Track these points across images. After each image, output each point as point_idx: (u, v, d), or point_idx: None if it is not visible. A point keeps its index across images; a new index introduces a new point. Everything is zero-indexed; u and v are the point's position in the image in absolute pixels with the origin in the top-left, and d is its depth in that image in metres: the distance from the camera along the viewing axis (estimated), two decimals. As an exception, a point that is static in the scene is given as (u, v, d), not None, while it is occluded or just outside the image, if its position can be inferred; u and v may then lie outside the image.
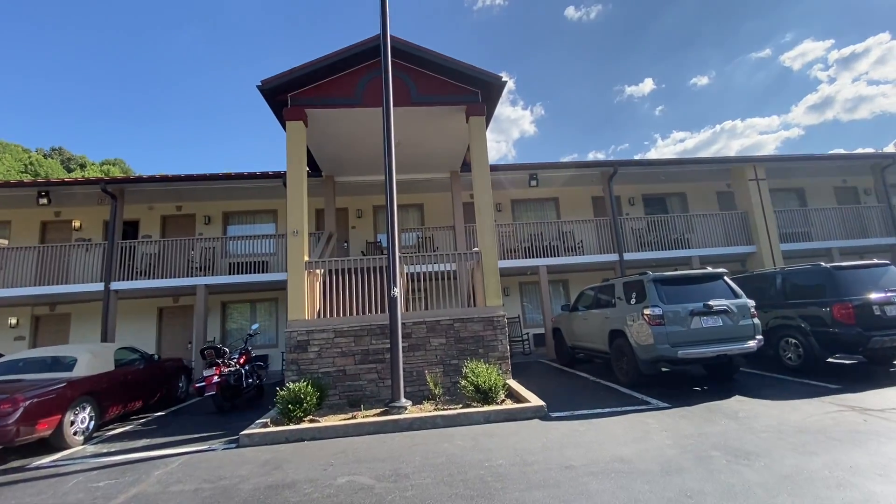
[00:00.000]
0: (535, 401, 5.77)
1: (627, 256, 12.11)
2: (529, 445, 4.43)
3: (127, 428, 6.86)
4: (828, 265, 7.02)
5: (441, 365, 7.33)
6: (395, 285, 6.36)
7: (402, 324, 7.32)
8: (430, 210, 13.75)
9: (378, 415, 5.85)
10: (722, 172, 13.60)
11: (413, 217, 13.95)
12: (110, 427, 6.93)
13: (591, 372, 8.56)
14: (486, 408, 5.67)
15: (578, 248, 12.59)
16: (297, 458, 4.60)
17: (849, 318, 6.47)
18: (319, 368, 7.13)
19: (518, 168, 12.07)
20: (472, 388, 5.98)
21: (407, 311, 8.22)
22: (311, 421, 5.72)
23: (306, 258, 7.62)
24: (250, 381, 8.07)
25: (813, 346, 6.90)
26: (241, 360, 8.08)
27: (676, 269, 6.86)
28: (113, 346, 7.62)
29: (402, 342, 7.27)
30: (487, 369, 6.26)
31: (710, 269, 6.95)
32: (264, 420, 5.89)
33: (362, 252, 13.04)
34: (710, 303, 6.43)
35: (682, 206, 15.06)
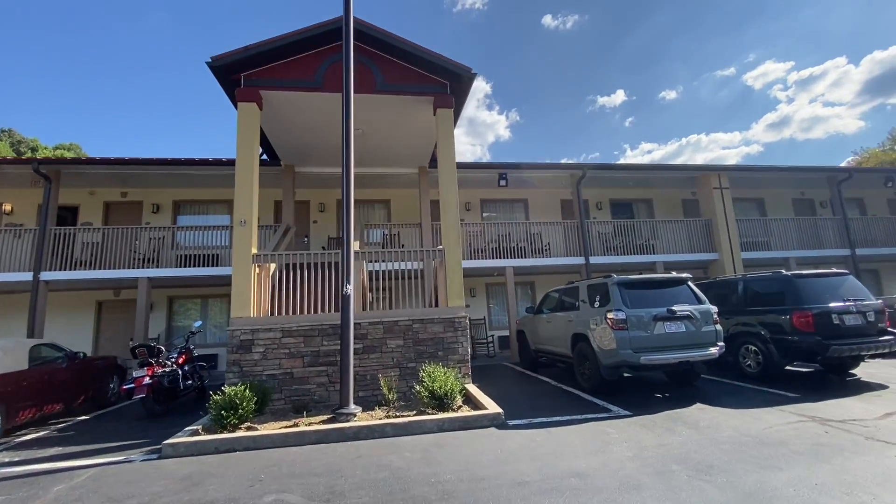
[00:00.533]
0: (492, 408, 5.44)
1: (594, 260, 12.03)
2: (482, 458, 4.09)
3: (41, 434, 6.11)
4: (788, 273, 7.03)
5: (398, 368, 6.92)
6: (348, 282, 5.91)
7: (357, 324, 6.89)
8: (398, 207, 13.31)
9: (324, 422, 5.38)
10: (688, 180, 13.78)
11: (379, 213, 13.48)
12: (22, 433, 6.17)
13: (554, 376, 8.34)
14: (441, 415, 5.29)
15: (546, 250, 12.44)
16: (223, 471, 4.10)
17: (808, 326, 6.47)
18: (264, 371, 6.58)
19: (487, 167, 11.81)
20: (426, 393, 5.60)
21: (366, 310, 7.78)
22: (249, 429, 5.20)
23: (254, 251, 7.05)
24: (189, 382, 7.42)
25: (772, 354, 6.88)
26: (181, 360, 7.42)
27: (641, 273, 6.70)
28: (28, 342, 6.81)
29: (357, 343, 6.83)
30: (445, 374, 5.90)
31: (674, 274, 6.83)
32: (195, 427, 5.32)
33: (323, 248, 12.45)
34: (674, 308, 6.29)
35: (648, 212, 15.19)
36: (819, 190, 15.93)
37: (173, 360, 7.31)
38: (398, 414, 5.61)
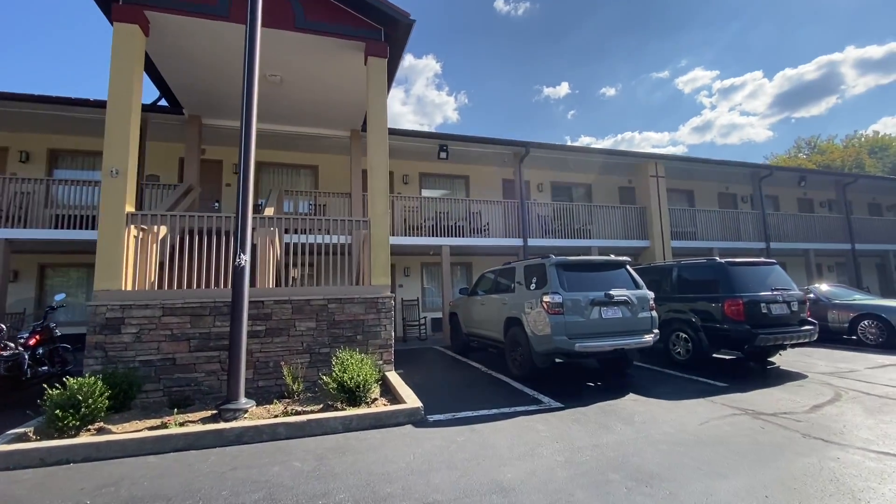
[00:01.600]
0: (411, 401, 4.72)
1: (532, 242, 11.66)
2: (390, 467, 3.35)
3: None
4: (722, 260, 6.92)
5: (308, 354, 5.99)
6: (242, 251, 4.85)
7: (260, 302, 5.86)
8: (327, 174, 12.07)
9: (203, 421, 4.39)
10: (626, 167, 13.80)
11: (306, 181, 12.15)
12: None
13: (485, 362, 7.82)
14: (349, 412, 4.48)
15: (485, 230, 11.89)
16: (34, 496, 3.02)
17: (738, 314, 6.38)
18: (137, 356, 5.37)
19: (427, 136, 10.92)
20: (335, 385, 4.75)
21: (280, 286, 6.73)
22: (99, 431, 4.08)
23: (129, 208, 5.71)
24: (45, 369, 6.00)
25: (702, 341, 6.78)
26: (32, 342, 5.96)
27: (584, 254, 6.25)
28: None
29: (259, 325, 5.82)
30: (360, 361, 5.09)
31: (613, 258, 6.45)
32: (24, 430, 4.09)
33: (214, 210, 10.99)
34: (612, 293, 5.89)
35: (586, 197, 15.14)
36: (742, 186, 16.78)
37: (22, 340, 5.86)
38: (300, 409, 4.73)
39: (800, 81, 69.37)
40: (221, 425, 4.10)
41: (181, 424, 4.23)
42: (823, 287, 10.30)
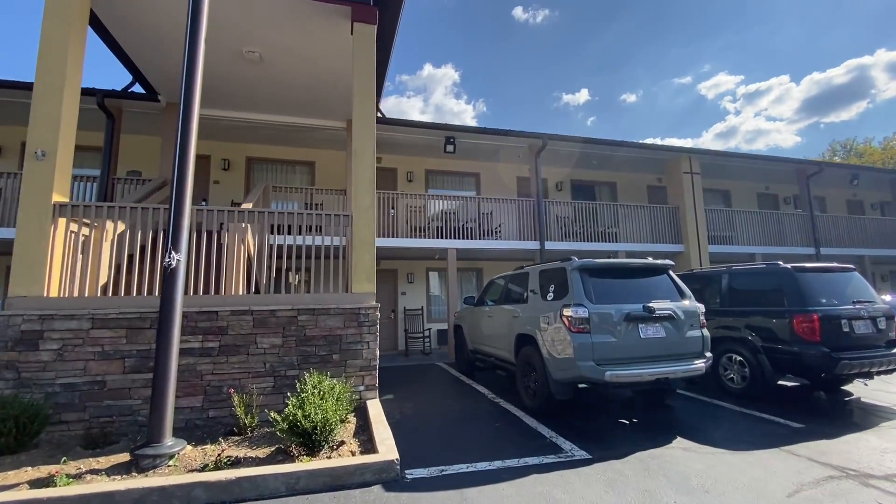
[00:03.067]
0: (385, 449, 3.55)
1: (549, 245, 10.41)
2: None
3: None
4: (788, 265, 5.57)
5: (272, 377, 4.89)
6: (176, 249, 3.79)
7: (213, 313, 4.81)
8: (324, 171, 11.07)
9: (110, 471, 3.31)
10: (656, 163, 12.43)
11: (302, 178, 11.18)
12: None
13: (492, 385, 6.59)
14: (299, 465, 3.34)
15: (497, 232, 10.69)
16: None
17: (812, 333, 5.02)
18: (58, 378, 4.36)
19: (432, 127, 9.81)
20: (285, 426, 3.62)
21: (251, 293, 5.69)
22: (-37, 486, 3.03)
23: (59, 198, 4.74)
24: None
25: (763, 367, 5.43)
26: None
27: (610, 258, 5.02)
28: None
29: (211, 341, 4.77)
30: (331, 389, 4.00)
31: (652, 261, 5.17)
32: None
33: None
34: (653, 305, 4.63)
35: (611, 197, 13.80)
36: (784, 185, 15.18)
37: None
38: (243, 455, 3.62)
39: (828, 86, 66.34)
40: (118, 484, 3.00)
41: (74, 478, 3.16)
42: (887, 298, 8.73)
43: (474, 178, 12.42)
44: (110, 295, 4.85)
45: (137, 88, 8.11)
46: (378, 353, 5.32)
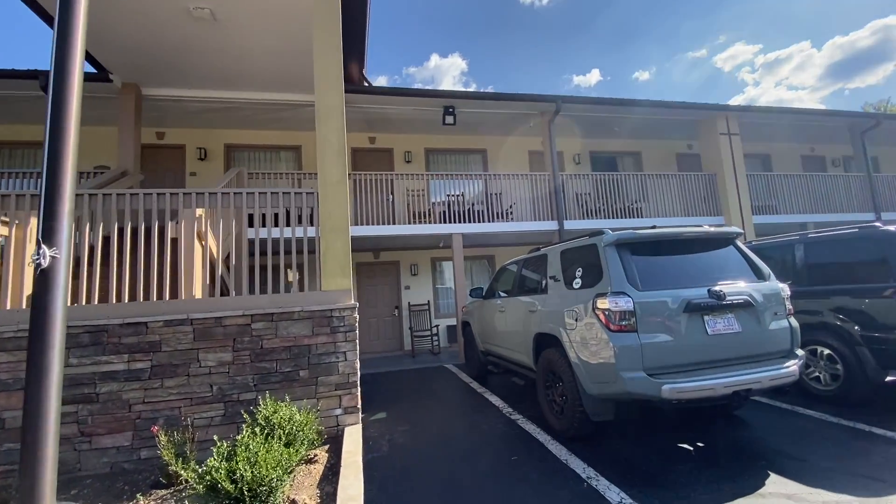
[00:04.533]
0: (346, 521, 2.42)
1: (569, 225, 9.12)
2: None
3: None
4: (891, 228, 4.21)
5: (220, 403, 3.81)
6: (49, 243, 2.69)
7: (141, 324, 3.74)
8: (311, 155, 9.94)
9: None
10: (685, 126, 10.92)
11: (287, 165, 10.09)
12: None
13: (509, 395, 5.42)
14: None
15: (508, 213, 9.44)
16: None
17: (940, 316, 3.68)
18: (-63, 419, 3.36)
19: (426, 94, 8.55)
20: (201, 488, 2.52)
21: (209, 296, 4.62)
22: None
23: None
24: None
25: (863, 361, 4.11)
26: None
27: (655, 227, 3.75)
28: None
29: (140, 360, 3.72)
30: (287, 420, 2.90)
31: (712, 228, 3.88)
32: None
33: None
34: (720, 288, 3.36)
35: (635, 168, 12.36)
36: (832, 146, 13.48)
37: None
38: (145, 532, 2.53)
39: (852, 49, 62.45)
40: None
41: None
42: None
43: (480, 155, 11.15)
44: (24, 307, 3.84)
45: (89, 70, 7.10)
46: (359, 365, 4.19)
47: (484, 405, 5.07)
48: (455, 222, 8.77)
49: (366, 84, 8.14)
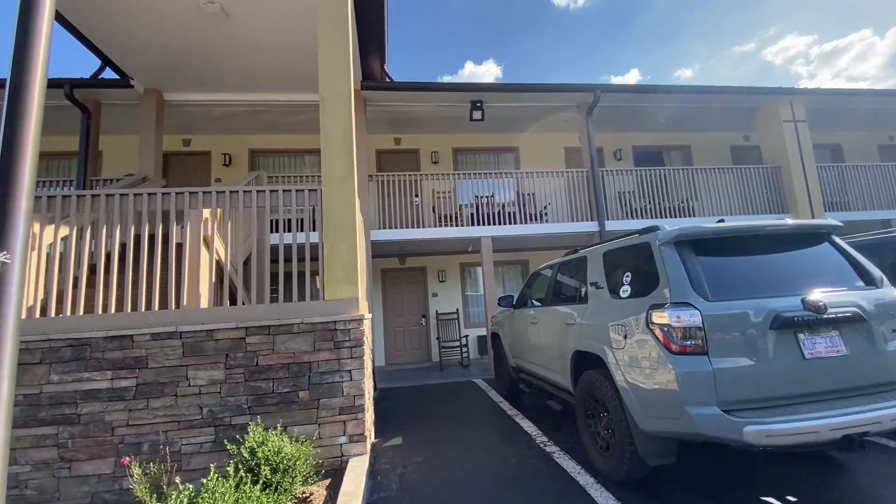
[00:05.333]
0: None
1: (611, 226, 8.30)
2: None
3: None
4: None
5: (211, 427, 3.37)
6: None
7: (126, 337, 3.37)
8: (335, 158, 9.65)
9: None
10: (741, 114, 9.81)
11: (312, 170, 9.83)
12: None
13: (544, 419, 4.72)
14: None
15: (543, 215, 8.74)
16: None
17: None
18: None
19: (451, 89, 8.01)
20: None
21: (216, 306, 4.26)
22: None
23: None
24: None
25: None
26: None
27: (723, 221, 3.00)
28: None
29: (125, 377, 3.35)
30: (273, 454, 2.42)
31: (800, 221, 3.07)
32: None
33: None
34: (819, 297, 2.58)
35: (685, 164, 11.30)
36: (916, 132, 11.86)
37: None
38: None
39: (920, 36, 56.87)
40: None
41: None
42: None
43: (512, 154, 10.50)
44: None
45: (110, 75, 7.07)
46: (366, 385, 3.65)
47: (514, 432, 4.40)
48: (484, 224, 8.16)
49: (388, 80, 7.72)
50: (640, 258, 3.04)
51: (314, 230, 5.09)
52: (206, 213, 4.23)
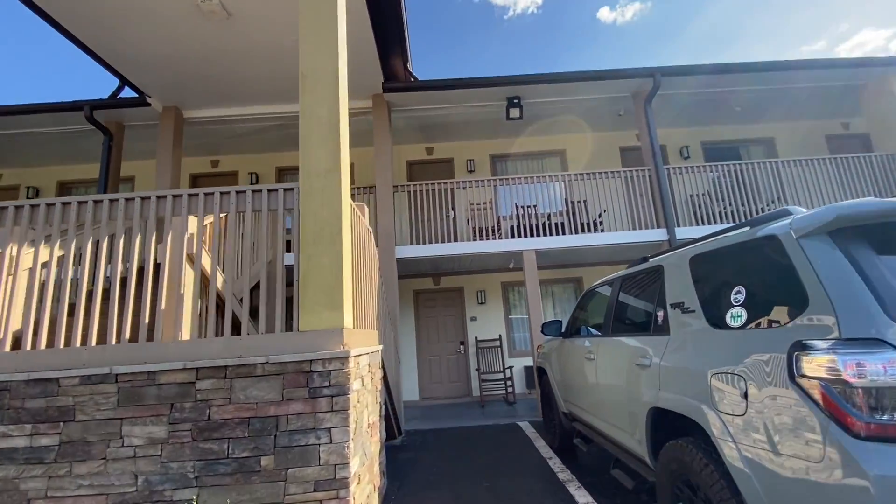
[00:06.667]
0: None
1: (681, 234, 6.89)
2: None
3: None
4: None
5: (147, 504, 2.52)
6: None
7: (52, 381, 2.64)
8: (362, 169, 8.99)
9: None
10: (840, 93, 8.03)
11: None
12: None
13: (612, 492, 3.47)
14: None
15: (598, 224, 7.50)
16: None
17: None
18: None
19: (485, 83, 7.01)
20: None
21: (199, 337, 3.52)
22: None
23: None
24: None
25: None
26: None
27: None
28: None
29: (48, 433, 2.59)
30: None
31: None
32: None
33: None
34: None
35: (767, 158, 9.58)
36: None
37: None
38: None
39: None
40: None
41: None
42: None
43: (558, 157, 9.35)
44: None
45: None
46: (352, 449, 2.66)
47: (566, 509, 3.20)
48: (526, 237, 7.06)
49: (413, 80, 6.97)
50: (763, 263, 1.87)
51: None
52: (192, 226, 3.51)
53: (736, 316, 1.92)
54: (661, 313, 2.56)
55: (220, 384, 2.65)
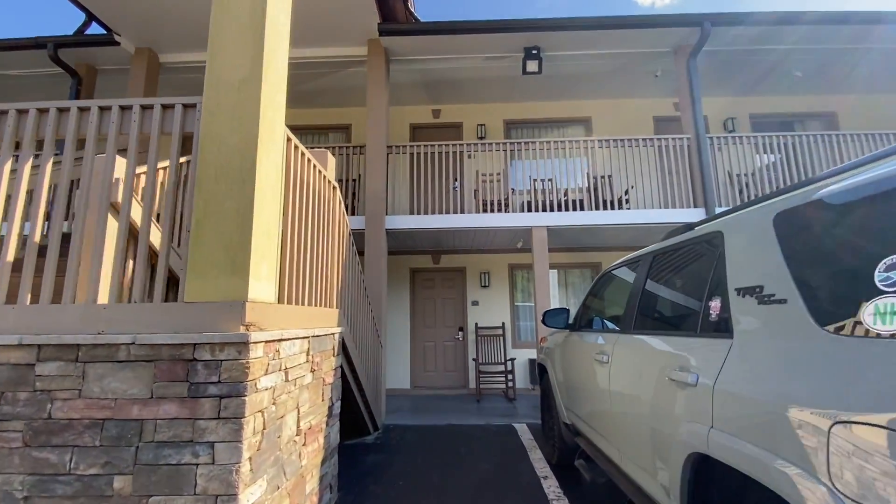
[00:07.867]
0: None
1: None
2: None
3: None
4: None
5: (-44, 531, 1.79)
6: None
7: None
8: (361, 132, 8.12)
9: None
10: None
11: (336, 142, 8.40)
12: None
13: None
14: None
15: (624, 202, 6.49)
16: None
17: None
18: None
19: (498, 28, 5.99)
20: None
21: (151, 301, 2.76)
22: None
23: None
24: None
25: None
26: None
27: None
28: None
29: None
30: None
31: None
32: None
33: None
34: None
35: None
36: None
37: None
38: None
39: None
40: None
41: None
42: None
43: (582, 126, 8.26)
44: None
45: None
46: (246, 470, 1.86)
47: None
48: (539, 211, 6.12)
49: (415, 22, 6.01)
50: (876, 220, 0.95)
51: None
52: (121, 166, 2.72)
53: (886, 312, 1.01)
54: (715, 303, 1.65)
55: (68, 369, 1.88)
